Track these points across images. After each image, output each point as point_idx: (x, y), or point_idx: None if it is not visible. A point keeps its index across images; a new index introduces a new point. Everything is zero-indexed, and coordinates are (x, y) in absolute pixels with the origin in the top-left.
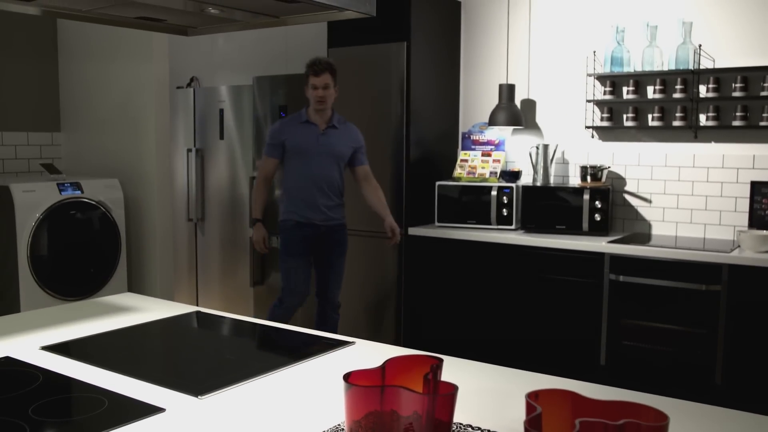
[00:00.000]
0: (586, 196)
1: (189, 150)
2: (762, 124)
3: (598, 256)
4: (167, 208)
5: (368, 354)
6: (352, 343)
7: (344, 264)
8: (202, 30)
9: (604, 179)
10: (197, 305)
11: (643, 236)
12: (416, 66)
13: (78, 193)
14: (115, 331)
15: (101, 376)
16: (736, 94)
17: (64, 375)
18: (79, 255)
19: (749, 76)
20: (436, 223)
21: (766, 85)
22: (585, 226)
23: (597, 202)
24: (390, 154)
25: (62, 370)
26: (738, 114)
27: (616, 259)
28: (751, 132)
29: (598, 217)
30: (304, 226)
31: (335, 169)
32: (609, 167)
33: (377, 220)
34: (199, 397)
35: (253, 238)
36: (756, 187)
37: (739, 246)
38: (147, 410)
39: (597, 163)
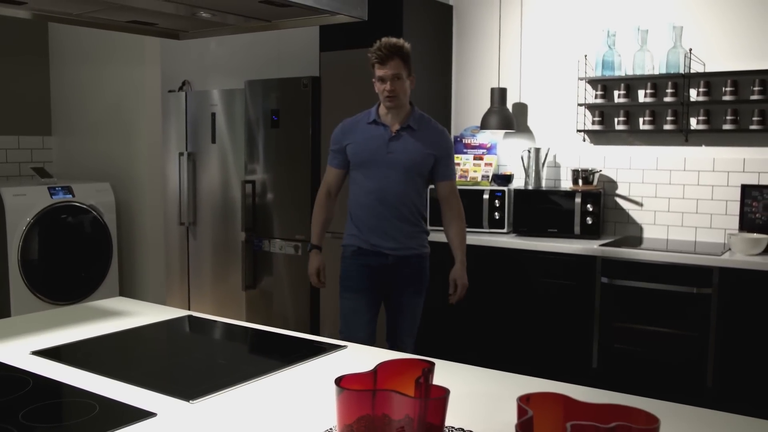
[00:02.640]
0: (578, 200)
1: (181, 154)
2: (752, 127)
3: (589, 260)
4: (159, 212)
5: (360, 358)
6: (344, 347)
7: (421, 306)
8: (193, 34)
9: (595, 182)
10: (189, 309)
11: (634, 239)
12: None
13: (69, 197)
14: (107, 335)
15: (92, 381)
16: (727, 97)
17: (54, 380)
18: (71, 259)
19: (739, 80)
20: (428, 227)
21: (755, 88)
22: (577, 229)
23: (588, 206)
24: None
25: (53, 375)
26: (728, 117)
27: (607, 262)
28: (741, 135)
29: (589, 220)
30: (368, 255)
31: (410, 184)
32: (600, 171)
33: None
34: (190, 401)
35: (309, 267)
36: (746, 190)
37: (729, 249)
38: (138, 415)
39: (588, 166)
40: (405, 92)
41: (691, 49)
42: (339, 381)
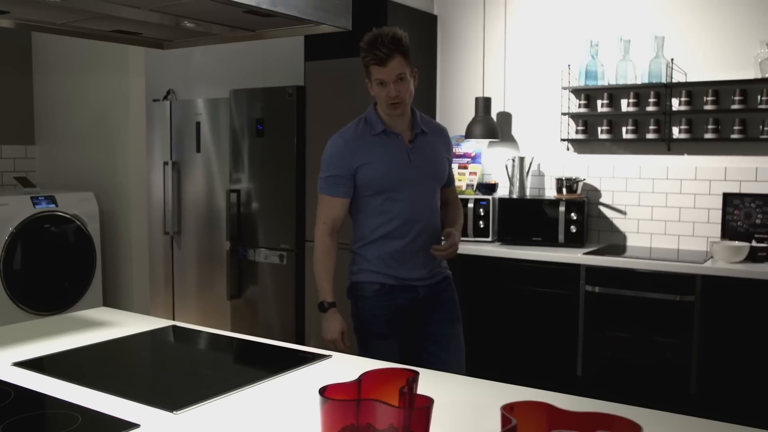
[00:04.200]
0: (562, 208)
1: (165, 163)
2: (733, 136)
3: (574, 268)
4: (143, 221)
5: (345, 367)
6: (329, 356)
7: (462, 334)
8: (178, 43)
9: (579, 191)
10: (174, 319)
11: (618, 248)
12: None
13: (52, 206)
14: (90, 346)
15: (75, 392)
16: (708, 107)
17: (36, 391)
18: (53, 269)
19: (720, 89)
20: None
21: (736, 98)
22: (561, 237)
23: (573, 214)
24: None
25: (35, 386)
26: (710, 127)
27: (592, 270)
28: (722, 144)
29: (573, 228)
30: (395, 292)
31: (437, 197)
32: (584, 179)
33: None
34: (174, 412)
35: (324, 331)
36: (728, 198)
37: (712, 257)
38: (121, 426)
39: (572, 175)
40: (410, 94)
41: (672, 59)
42: (323, 391)
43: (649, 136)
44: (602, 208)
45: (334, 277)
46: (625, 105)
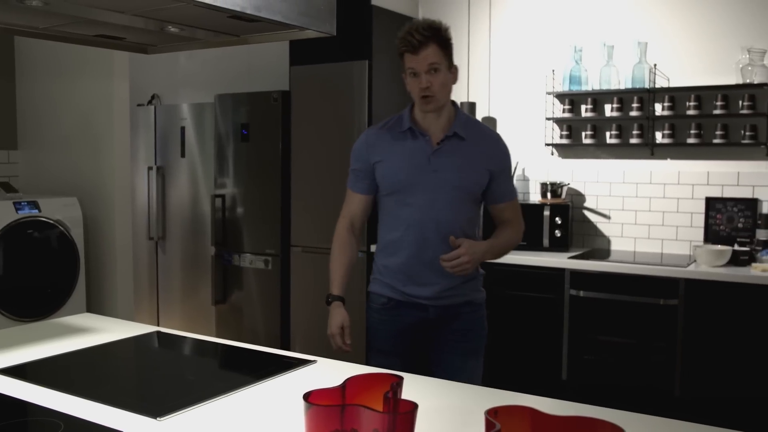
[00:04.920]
0: (547, 213)
1: (150, 168)
2: (715, 141)
3: (558, 272)
4: (127, 226)
5: (329, 373)
6: (314, 361)
7: (480, 371)
8: (162, 48)
9: (563, 196)
10: (158, 325)
11: (602, 252)
12: (378, 84)
13: (35, 212)
14: (73, 352)
15: (58, 400)
16: (691, 112)
17: (19, 399)
18: (36, 275)
19: (702, 94)
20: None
21: (718, 103)
22: (545, 242)
23: (557, 219)
24: None
25: (18, 393)
26: (692, 132)
27: (576, 274)
28: (705, 149)
29: (558, 233)
30: (401, 308)
31: (461, 210)
32: (568, 184)
33: (332, 234)
34: (158, 418)
35: (328, 326)
36: (710, 202)
37: (695, 261)
38: None
39: (557, 179)
40: (445, 89)
41: (655, 65)
42: (307, 396)
43: (633, 140)
44: (586, 213)
45: (347, 273)
46: (608, 110)
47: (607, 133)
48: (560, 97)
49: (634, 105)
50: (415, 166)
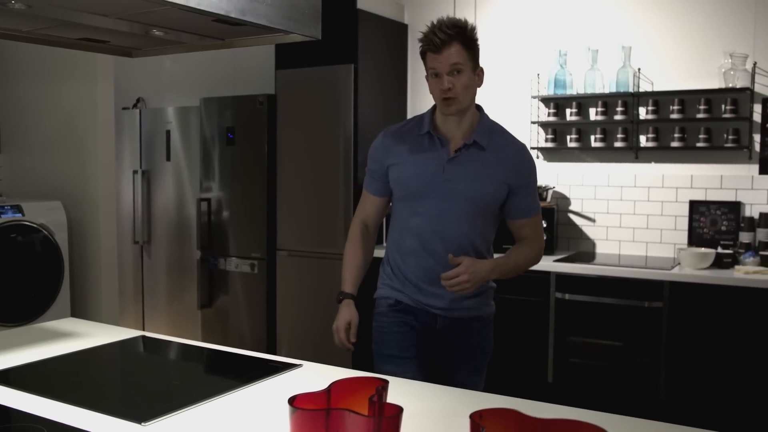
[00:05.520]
0: None
1: (135, 172)
2: (698, 144)
3: (544, 275)
4: (112, 230)
5: (315, 377)
6: (299, 365)
7: (481, 386)
8: (146, 52)
9: (549, 199)
10: (144, 329)
11: (587, 255)
12: (364, 88)
13: (19, 216)
14: (57, 357)
15: (42, 405)
16: (674, 116)
17: (2, 405)
18: (20, 279)
19: (686, 98)
20: (385, 244)
21: (701, 107)
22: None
23: (543, 222)
24: (338, 177)
25: (0, 399)
26: (676, 135)
27: (561, 277)
28: (688, 153)
29: (543, 236)
30: (410, 312)
31: (474, 224)
32: (554, 187)
33: (318, 238)
34: (142, 424)
35: (335, 319)
36: (694, 206)
37: (679, 263)
38: None
39: (542, 183)
40: (469, 91)
41: (639, 69)
42: (292, 401)
43: (617, 144)
44: (572, 216)
45: (359, 273)
46: (593, 114)
47: (592, 137)
48: (545, 100)
49: (619, 109)
50: (427, 174)
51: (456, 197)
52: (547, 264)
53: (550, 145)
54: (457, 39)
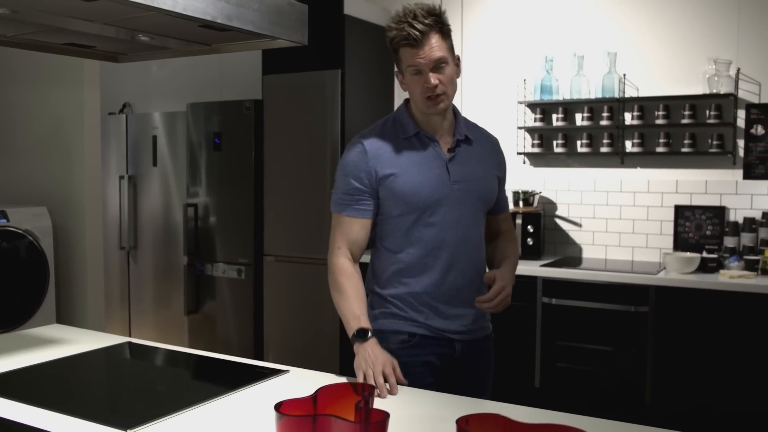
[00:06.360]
0: (519, 221)
1: (121, 177)
2: (683, 150)
3: (531, 280)
4: (98, 236)
5: (302, 382)
6: (286, 371)
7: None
8: (132, 57)
9: (535, 204)
10: (130, 336)
11: (574, 260)
12: (351, 93)
13: (3, 221)
14: (42, 364)
15: (26, 413)
16: (659, 121)
17: None
18: (5, 286)
19: (670, 104)
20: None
21: (686, 113)
22: (518, 250)
23: (529, 227)
24: (325, 182)
25: None
26: (661, 140)
27: (548, 282)
28: (673, 158)
29: (530, 241)
30: (428, 345)
31: (482, 226)
32: (540, 192)
33: (306, 243)
34: (128, 431)
35: (361, 366)
36: (679, 210)
37: (664, 268)
38: None
39: (529, 188)
40: (455, 85)
41: (625, 75)
42: (279, 407)
43: (603, 149)
44: (558, 221)
45: (366, 306)
46: (579, 119)
47: (578, 142)
48: (531, 106)
49: (604, 114)
50: (435, 179)
51: (467, 198)
52: (533, 269)
53: (536, 150)
54: (435, 29)
